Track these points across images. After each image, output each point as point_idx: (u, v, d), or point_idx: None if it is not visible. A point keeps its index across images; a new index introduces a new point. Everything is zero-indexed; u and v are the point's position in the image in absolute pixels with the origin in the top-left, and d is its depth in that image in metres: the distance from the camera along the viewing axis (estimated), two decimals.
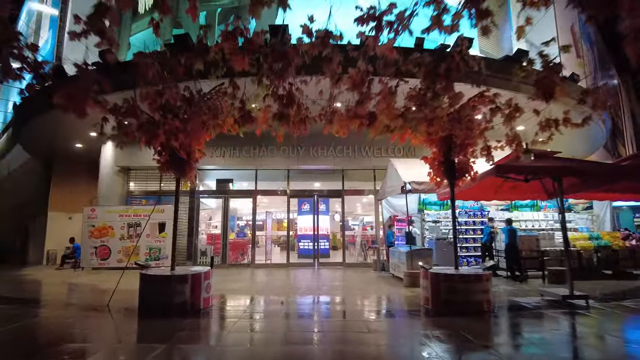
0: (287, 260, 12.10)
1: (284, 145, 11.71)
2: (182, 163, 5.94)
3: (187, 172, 6.12)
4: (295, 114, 5.10)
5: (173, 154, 5.79)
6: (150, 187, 12.39)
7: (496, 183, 8.46)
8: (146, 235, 11.64)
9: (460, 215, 11.45)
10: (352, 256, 13.72)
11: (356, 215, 25.04)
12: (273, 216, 25.51)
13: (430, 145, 6.73)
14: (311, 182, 13.00)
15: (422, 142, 6.81)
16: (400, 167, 9.55)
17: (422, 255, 8.72)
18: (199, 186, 12.52)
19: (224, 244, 12.08)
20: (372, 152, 11.73)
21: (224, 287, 8.20)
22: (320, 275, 10.12)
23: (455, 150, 6.39)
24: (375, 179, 12.27)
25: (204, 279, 5.96)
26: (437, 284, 5.92)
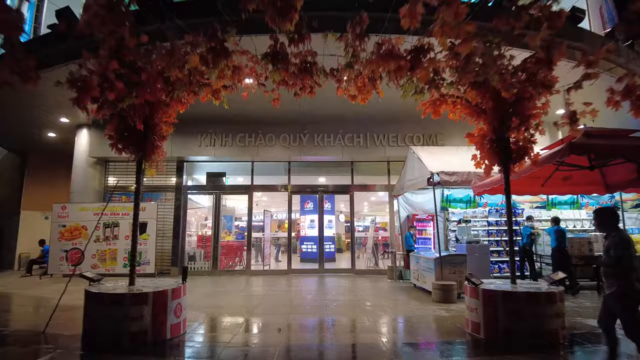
0: (288, 266, 10.46)
1: (284, 133, 10.09)
2: (139, 137, 4.34)
3: (148, 151, 4.52)
4: (296, 55, 3.45)
5: (127, 124, 4.19)
6: (131, 182, 10.79)
7: (545, 173, 6.85)
8: (125, 237, 10.06)
9: (490, 214, 9.82)
10: (361, 260, 12.08)
11: (363, 216, 23.40)
12: (273, 216, 23.93)
13: (477, 119, 5.11)
14: (315, 177, 11.39)
15: (466, 114, 5.21)
16: (425, 155, 7.92)
17: (455, 263, 7.09)
18: (187, 181, 10.92)
19: (215, 247, 10.47)
20: (386, 140, 10.10)
21: (208, 302, 6.58)
22: (328, 286, 8.48)
23: (509, 124, 4.76)
24: (390, 172, 10.63)
25: (172, 297, 4.35)
26: (494, 305, 4.28)
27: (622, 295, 3.02)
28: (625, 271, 3.00)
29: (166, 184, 10.65)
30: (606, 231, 3.28)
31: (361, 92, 4.41)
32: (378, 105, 9.15)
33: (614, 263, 3.05)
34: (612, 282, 3.11)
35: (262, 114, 9.54)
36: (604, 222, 3.30)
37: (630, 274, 3.00)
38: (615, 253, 3.05)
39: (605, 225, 3.29)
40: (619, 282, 3.03)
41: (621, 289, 3.01)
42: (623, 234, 3.15)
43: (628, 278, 2.99)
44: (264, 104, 9.20)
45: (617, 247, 3.05)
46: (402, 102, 9.04)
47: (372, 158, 10.32)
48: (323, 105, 9.02)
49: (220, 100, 4.96)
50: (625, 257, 2.99)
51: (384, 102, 9.18)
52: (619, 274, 3.04)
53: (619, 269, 3.04)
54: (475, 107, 5.07)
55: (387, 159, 10.42)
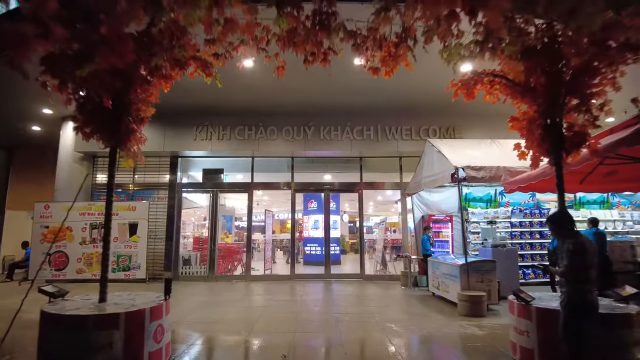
0: (291, 271, 9.60)
1: (288, 125, 9.22)
2: (110, 119, 3.48)
3: (122, 137, 3.65)
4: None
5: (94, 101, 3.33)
6: (121, 179, 9.95)
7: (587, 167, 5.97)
8: (114, 239, 9.21)
9: (513, 214, 8.95)
10: (369, 264, 11.19)
11: (368, 216, 22.54)
12: (274, 216, 23.04)
13: (520, 100, 4.24)
14: (321, 174, 10.52)
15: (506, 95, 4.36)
16: (446, 149, 7.05)
17: (483, 270, 6.22)
18: (182, 178, 10.07)
19: (212, 249, 9.61)
20: (399, 133, 9.22)
21: (201, 316, 5.73)
22: (336, 295, 7.61)
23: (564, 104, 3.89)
24: (402, 169, 9.76)
25: (151, 318, 3.49)
26: (553, 328, 3.40)
27: (567, 305, 2.86)
28: (577, 281, 2.82)
29: (159, 181, 9.80)
30: (562, 238, 3.00)
31: (386, 64, 3.52)
32: (391, 94, 8.33)
33: (565, 272, 2.86)
34: (564, 291, 2.93)
35: (263, 103, 8.69)
36: (559, 228, 3.05)
37: (582, 284, 2.81)
38: (566, 262, 2.85)
39: (560, 232, 3.05)
40: (569, 292, 2.86)
41: (569, 298, 2.84)
42: (578, 241, 2.87)
43: (579, 288, 2.82)
44: (265, 92, 8.40)
45: (568, 255, 2.83)
46: (418, 90, 8.19)
47: (383, 153, 9.45)
48: (330, 94, 8.16)
49: (212, 77, 4.09)
50: (576, 266, 2.80)
51: (398, 91, 8.34)
52: (570, 283, 2.85)
53: (569, 278, 2.85)
54: (519, 85, 4.20)
55: (400, 154, 9.55)
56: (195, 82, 7.96)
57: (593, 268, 2.85)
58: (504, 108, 8.99)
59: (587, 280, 2.82)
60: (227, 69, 7.03)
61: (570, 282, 2.86)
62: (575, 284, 2.84)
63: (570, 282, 2.86)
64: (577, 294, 2.83)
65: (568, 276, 2.87)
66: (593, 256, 2.86)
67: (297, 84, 7.67)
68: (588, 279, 2.82)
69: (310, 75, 7.47)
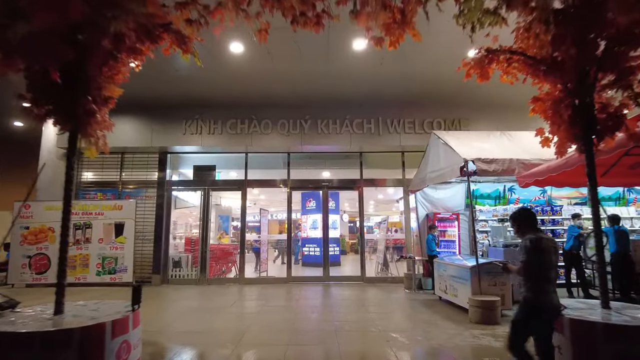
0: (287, 274, 9.04)
1: (283, 118, 8.67)
2: (62, 96, 2.93)
3: (81, 120, 3.11)
4: None
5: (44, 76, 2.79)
6: (107, 177, 9.40)
7: (610, 159, 5.45)
8: (98, 240, 8.68)
9: None
10: (369, 265, 10.64)
11: (368, 216, 21.99)
12: (273, 215, 22.48)
13: (543, 79, 3.71)
14: (319, 170, 9.96)
15: (526, 73, 3.84)
16: (453, 141, 6.51)
17: (496, 272, 5.67)
18: (172, 175, 9.52)
19: (203, 251, 9.06)
20: (401, 126, 8.67)
21: (185, 325, 5.18)
22: (335, 300, 7.06)
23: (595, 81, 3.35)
24: (405, 165, 9.21)
25: (113, 334, 2.94)
26: (590, 344, 2.86)
27: (521, 305, 2.77)
28: (533, 280, 2.71)
29: (147, 178, 9.25)
30: (523, 235, 2.87)
31: (390, 32, 2.98)
32: (393, 83, 7.76)
33: (520, 270, 2.78)
34: (522, 291, 2.81)
35: (256, 94, 8.14)
36: (520, 225, 2.91)
37: (538, 283, 2.70)
38: (522, 259, 2.77)
39: (521, 229, 2.91)
40: (525, 291, 2.75)
41: (524, 298, 2.75)
42: (535, 238, 2.73)
43: (535, 287, 2.70)
44: (258, 82, 7.82)
45: (524, 253, 2.75)
46: (422, 78, 7.63)
47: (384, 147, 8.90)
48: (328, 83, 7.61)
49: (190, 53, 3.55)
50: (531, 264, 2.70)
51: (401, 79, 7.77)
52: (527, 282, 2.74)
53: (524, 276, 2.75)
54: (541, 61, 3.65)
55: (402, 148, 9.00)
56: (183, 71, 7.45)
57: (552, 268, 2.72)
58: (512, 99, 8.45)
59: (544, 279, 2.69)
60: (217, 56, 6.52)
61: (527, 280, 2.74)
62: (531, 283, 2.72)
63: (526, 280, 2.75)
64: (532, 293, 2.71)
65: (523, 274, 2.76)
66: (552, 255, 2.72)
67: (292, 71, 7.13)
68: (545, 279, 2.69)
69: (306, 61, 6.96)
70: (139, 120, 8.84)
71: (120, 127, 8.86)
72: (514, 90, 8.18)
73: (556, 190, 8.75)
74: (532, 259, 2.71)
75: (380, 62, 6.59)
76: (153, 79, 7.44)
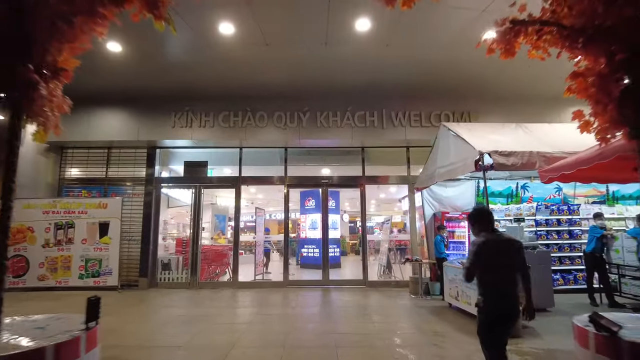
0: (284, 277, 8.45)
1: (279, 110, 8.08)
2: None
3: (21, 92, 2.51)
4: None
5: None
6: (93, 173, 8.81)
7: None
8: (81, 241, 8.09)
9: (539, 211, 7.82)
10: (371, 266, 10.06)
11: (371, 216, 21.40)
12: (269, 215, 21.86)
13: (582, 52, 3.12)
14: (318, 167, 9.37)
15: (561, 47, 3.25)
16: (465, 132, 5.92)
17: None
18: (161, 172, 8.93)
19: (194, 253, 8.47)
20: (407, 118, 8.07)
21: (164, 338, 4.58)
22: (335, 307, 6.46)
23: None
24: (410, 161, 8.62)
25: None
26: None
27: (478, 310, 2.64)
28: (479, 283, 2.60)
29: (135, 175, 8.66)
30: (476, 235, 2.76)
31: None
32: (397, 72, 7.15)
33: (464, 272, 2.70)
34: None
35: (250, 84, 7.56)
36: (474, 225, 2.79)
37: (482, 286, 2.59)
38: (466, 262, 2.69)
39: (475, 229, 2.79)
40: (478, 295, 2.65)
41: (477, 301, 2.63)
42: (481, 241, 2.61)
43: (484, 291, 2.59)
44: (253, 71, 7.17)
45: (468, 255, 2.67)
46: (429, 66, 7.03)
47: (388, 142, 8.30)
48: (327, 73, 7.02)
49: (164, 20, 2.96)
50: (473, 267, 2.59)
51: (406, 67, 7.12)
52: (478, 286, 2.63)
53: (465, 279, 2.68)
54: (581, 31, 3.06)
55: (407, 143, 8.41)
56: (171, 59, 6.86)
57: (498, 271, 2.53)
58: (527, 91, 7.86)
59: (487, 281, 2.56)
60: (206, 40, 5.88)
61: (478, 284, 2.63)
62: (480, 287, 2.62)
63: (478, 285, 2.64)
64: (482, 296, 2.59)
65: (465, 277, 2.67)
66: (497, 257, 2.55)
67: (288, 57, 6.55)
68: (488, 280, 2.56)
69: (304, 45, 6.37)
70: (125, 112, 8.26)
71: (106, 120, 8.31)
72: (528, 81, 7.66)
73: (572, 187, 8.18)
74: (473, 262, 2.58)
75: (385, 44, 6.00)
76: (139, 68, 6.87)
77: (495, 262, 2.53)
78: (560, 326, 4.87)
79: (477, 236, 2.71)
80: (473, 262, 2.58)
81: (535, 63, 6.62)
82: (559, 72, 7.01)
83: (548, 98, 7.99)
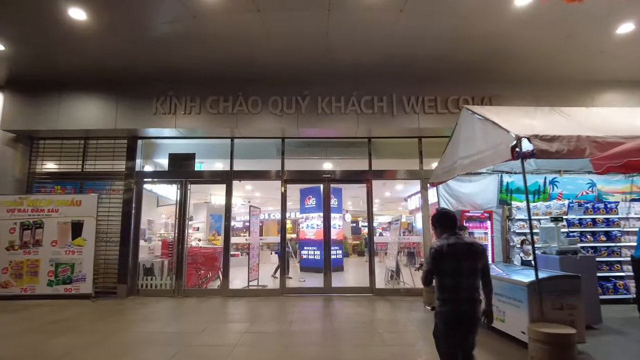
0: (280, 284, 7.50)
1: (275, 95, 7.11)
2: None
3: None
4: None
5: None
6: (67, 167, 7.86)
7: None
8: (51, 243, 7.15)
9: (571, 209, 6.88)
10: (379, 270, 9.12)
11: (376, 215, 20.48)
12: (267, 215, 20.92)
13: None
14: (319, 161, 8.41)
15: None
16: (494, 116, 4.96)
17: (563, 291, 4.14)
18: (144, 165, 7.99)
19: (179, 255, 7.52)
20: (420, 104, 7.11)
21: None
22: (339, 322, 5.50)
23: None
24: (423, 154, 7.66)
25: None
26: None
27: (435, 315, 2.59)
28: (438, 287, 2.53)
29: (113, 169, 7.71)
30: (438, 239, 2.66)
31: None
32: (410, 45, 6.06)
33: (421, 277, 2.65)
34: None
35: (242, 64, 6.60)
36: (435, 228, 2.70)
37: (441, 291, 2.50)
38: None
39: (436, 232, 2.69)
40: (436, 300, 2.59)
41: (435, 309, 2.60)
42: (439, 244, 2.51)
43: (438, 295, 2.54)
44: (245, 48, 6.19)
45: (427, 259, 2.58)
46: (446, 41, 6.04)
47: (398, 131, 7.34)
48: (330, 46, 6.07)
49: None
50: (428, 272, 2.54)
51: (420, 41, 6.03)
52: (436, 289, 2.57)
53: (423, 284, 2.66)
54: None
55: (420, 133, 7.46)
56: (149, 33, 5.89)
57: (458, 276, 2.43)
58: (556, 71, 6.87)
59: (450, 288, 2.45)
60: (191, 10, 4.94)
61: (437, 289, 2.55)
62: (438, 291, 2.54)
63: (437, 289, 2.55)
64: (440, 301, 2.52)
65: (423, 281, 2.63)
66: (458, 261, 2.44)
67: (284, 31, 5.59)
68: (451, 287, 2.44)
69: (303, 17, 5.43)
70: (101, 97, 7.31)
71: (79, 106, 7.32)
72: (561, 60, 6.69)
73: (607, 183, 7.23)
74: (429, 267, 2.53)
75: (399, 9, 5.04)
76: (111, 42, 5.92)
77: (455, 267, 2.46)
78: (617, 348, 3.93)
79: (439, 239, 2.62)
80: (431, 265, 2.51)
81: (574, 33, 5.58)
82: (599, 46, 6.10)
83: (581, 81, 7.05)
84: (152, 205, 10.31)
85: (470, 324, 2.46)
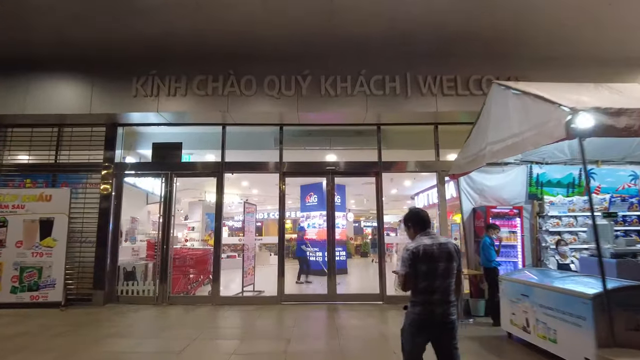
0: (278, 290, 6.59)
1: (272, 74, 6.23)
2: None
3: None
4: None
5: None
6: (39, 158, 6.98)
7: None
8: (16, 244, 6.27)
9: (612, 204, 6.02)
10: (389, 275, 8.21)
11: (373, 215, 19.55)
12: (267, 214, 19.99)
13: None
14: (322, 151, 7.51)
15: None
16: (534, 90, 4.08)
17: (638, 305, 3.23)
18: (124, 156, 7.11)
19: (164, 258, 6.63)
20: (438, 85, 6.21)
21: None
22: (346, 338, 4.61)
23: None
24: (439, 144, 6.77)
25: None
26: None
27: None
28: (413, 289, 2.38)
29: (90, 160, 6.84)
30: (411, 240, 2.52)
31: None
32: (427, 15, 5.28)
33: (399, 282, 2.43)
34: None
35: (233, 39, 5.73)
36: (407, 229, 2.58)
37: (415, 293, 2.36)
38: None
39: (410, 232, 2.55)
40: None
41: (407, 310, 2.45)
42: (414, 245, 2.36)
43: (411, 297, 2.40)
44: (237, 21, 5.35)
45: (402, 262, 2.38)
46: (468, 10, 5.14)
47: (412, 116, 6.46)
48: (334, 17, 5.18)
49: None
50: (403, 274, 2.34)
51: (437, 14, 5.29)
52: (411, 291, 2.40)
53: (403, 289, 2.42)
54: None
55: (436, 119, 6.57)
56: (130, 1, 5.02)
57: (434, 277, 2.31)
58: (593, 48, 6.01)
59: (426, 289, 2.32)
60: None
61: (412, 291, 2.39)
62: (413, 293, 2.39)
63: (412, 291, 2.39)
64: (413, 303, 2.38)
65: (402, 287, 2.42)
66: (434, 262, 2.32)
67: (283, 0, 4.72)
68: (426, 289, 2.32)
69: None
70: (73, 77, 6.43)
71: (48, 88, 6.39)
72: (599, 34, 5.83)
73: None
74: (404, 268, 2.34)
75: None
76: (86, 14, 5.05)
77: (430, 268, 2.32)
78: None
79: (412, 240, 2.48)
80: (410, 268, 2.31)
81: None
82: None
83: (625, 60, 6.17)
84: (141, 203, 9.46)
85: (441, 326, 2.32)
